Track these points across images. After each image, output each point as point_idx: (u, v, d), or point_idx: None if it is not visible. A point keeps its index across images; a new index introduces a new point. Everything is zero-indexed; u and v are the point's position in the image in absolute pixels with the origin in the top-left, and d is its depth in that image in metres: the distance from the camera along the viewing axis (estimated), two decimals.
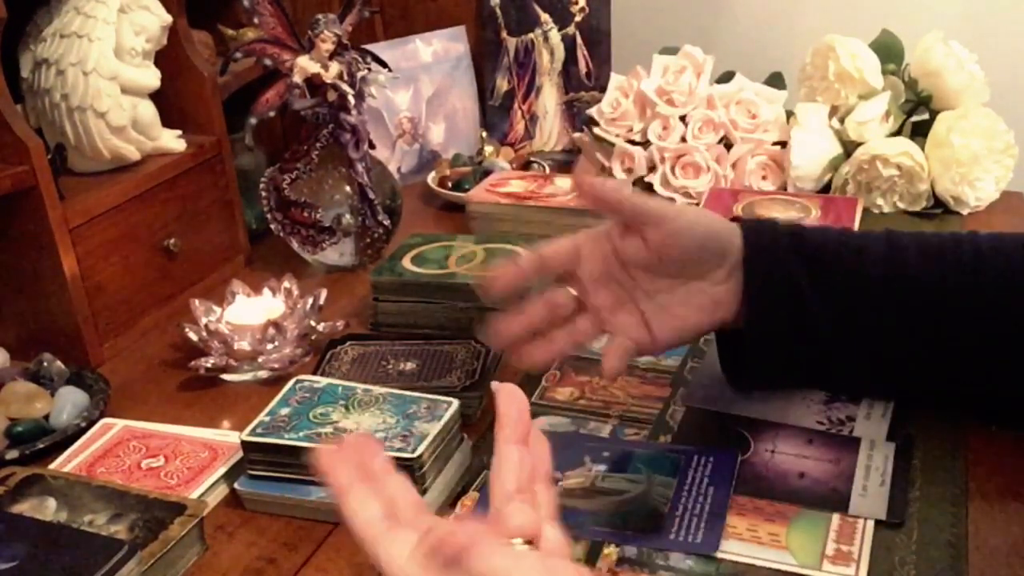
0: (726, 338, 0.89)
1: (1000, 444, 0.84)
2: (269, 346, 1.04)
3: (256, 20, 1.17)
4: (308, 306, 1.08)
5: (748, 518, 0.78)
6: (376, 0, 1.58)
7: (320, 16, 1.18)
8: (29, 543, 0.72)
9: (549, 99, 1.61)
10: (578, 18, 1.58)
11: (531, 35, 1.58)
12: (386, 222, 1.25)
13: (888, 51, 1.40)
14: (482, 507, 0.83)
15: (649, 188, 1.43)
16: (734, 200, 1.33)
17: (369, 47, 1.32)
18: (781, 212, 1.29)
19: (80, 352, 1.06)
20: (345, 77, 1.19)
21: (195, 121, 1.22)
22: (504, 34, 1.58)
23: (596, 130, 1.47)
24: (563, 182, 1.28)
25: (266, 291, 1.10)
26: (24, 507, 0.79)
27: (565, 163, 1.57)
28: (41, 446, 0.91)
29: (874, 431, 0.87)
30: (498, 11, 1.57)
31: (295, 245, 1.25)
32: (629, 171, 1.44)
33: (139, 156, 1.15)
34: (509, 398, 0.56)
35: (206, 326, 1.05)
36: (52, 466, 0.88)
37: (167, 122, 1.18)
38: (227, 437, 0.92)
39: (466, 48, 1.60)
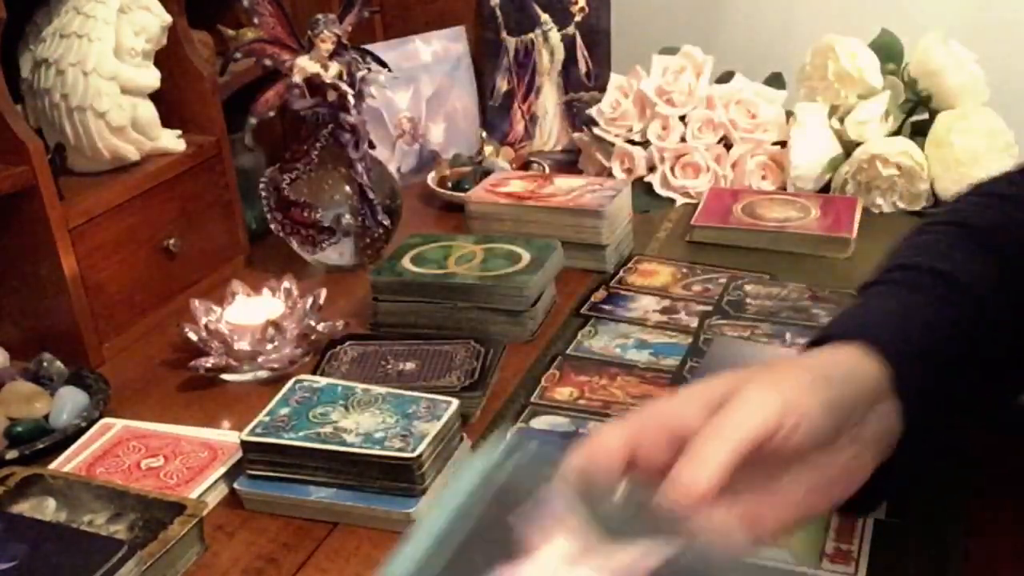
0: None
1: (1001, 440, 0.84)
2: (269, 346, 1.04)
3: (256, 20, 1.17)
4: (308, 306, 1.08)
5: None
6: (376, 0, 1.58)
7: (320, 16, 1.18)
8: (29, 543, 0.72)
9: (549, 99, 1.61)
10: (578, 18, 1.58)
11: (531, 35, 1.58)
12: (386, 222, 1.25)
13: (888, 51, 1.40)
14: None
15: (649, 188, 1.43)
16: (734, 200, 1.33)
17: (369, 47, 1.32)
18: (780, 212, 1.29)
19: (80, 352, 1.06)
20: (345, 77, 1.19)
21: (195, 121, 1.22)
22: (504, 34, 1.58)
23: (596, 130, 1.47)
24: (563, 182, 1.28)
25: (266, 291, 1.10)
26: (24, 507, 0.79)
27: (565, 163, 1.57)
28: (41, 446, 0.91)
29: None
30: (498, 11, 1.57)
31: (295, 245, 1.25)
32: (629, 171, 1.44)
33: (139, 156, 1.15)
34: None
35: (206, 326, 1.05)
36: (52, 466, 0.88)
37: (167, 122, 1.18)
38: (227, 437, 0.92)
39: (466, 48, 1.60)
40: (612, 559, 0.47)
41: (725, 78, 1.47)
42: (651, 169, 1.44)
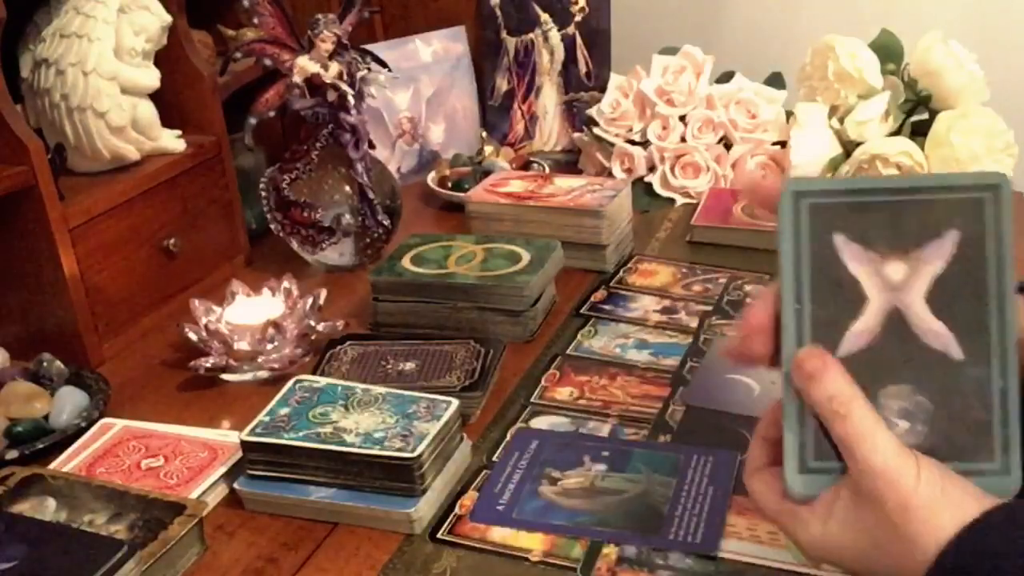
0: None
1: None
2: (269, 346, 1.04)
3: (256, 20, 1.17)
4: (308, 306, 1.08)
5: (747, 517, 0.78)
6: (376, 0, 1.58)
7: (320, 16, 1.18)
8: (29, 543, 0.72)
9: (549, 99, 1.61)
10: (578, 18, 1.58)
11: (531, 35, 1.58)
12: (386, 222, 1.25)
13: (888, 51, 1.40)
14: (482, 506, 0.83)
15: (649, 188, 1.43)
16: (734, 200, 1.33)
17: (369, 47, 1.32)
18: None
19: (80, 352, 1.06)
20: (345, 77, 1.19)
21: (195, 121, 1.22)
22: (504, 34, 1.58)
23: (596, 130, 1.47)
24: (563, 182, 1.28)
25: (266, 291, 1.10)
26: (24, 507, 0.79)
27: (565, 163, 1.57)
28: (41, 446, 0.91)
29: None
30: (498, 11, 1.57)
31: (295, 245, 1.25)
32: (629, 171, 1.44)
33: (139, 156, 1.15)
34: None
35: (206, 326, 1.05)
36: (52, 466, 0.88)
37: (167, 122, 1.18)
38: (227, 437, 0.92)
39: (466, 48, 1.60)
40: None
41: (725, 78, 1.47)
42: (651, 169, 1.44)
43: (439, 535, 0.80)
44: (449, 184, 1.46)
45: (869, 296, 0.52)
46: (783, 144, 1.40)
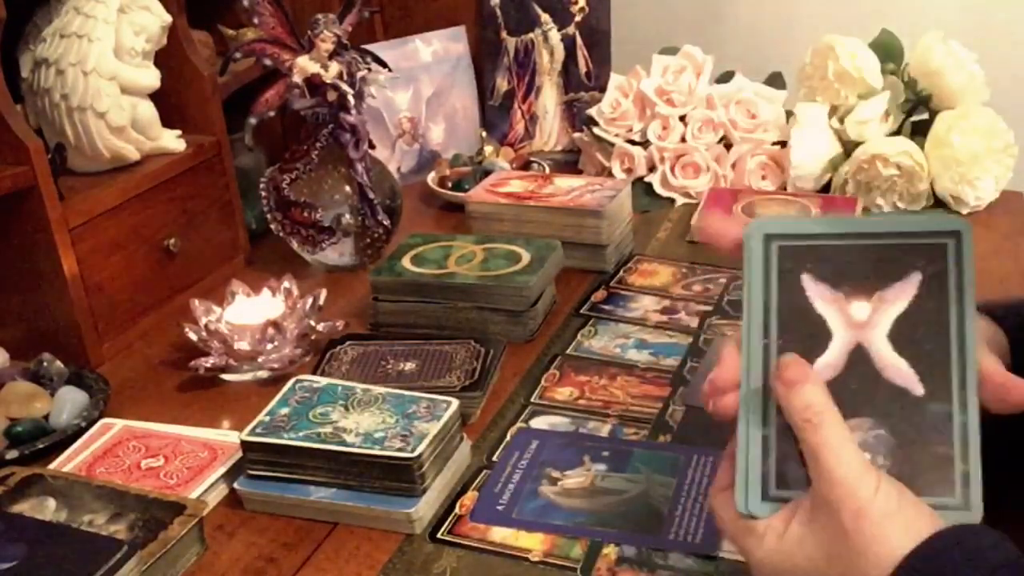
0: None
1: None
2: (269, 346, 1.04)
3: (256, 20, 1.17)
4: (308, 306, 1.08)
5: None
6: (376, 0, 1.58)
7: (320, 16, 1.18)
8: (29, 543, 0.72)
9: (549, 99, 1.61)
10: (578, 18, 1.58)
11: (531, 35, 1.58)
12: (386, 222, 1.25)
13: (888, 51, 1.40)
14: (482, 506, 0.83)
15: (649, 188, 1.43)
16: (734, 200, 1.33)
17: (369, 47, 1.32)
18: (781, 211, 1.29)
19: (80, 352, 1.06)
20: (345, 77, 1.19)
21: (195, 121, 1.22)
22: (504, 34, 1.58)
23: (596, 130, 1.47)
24: (563, 182, 1.28)
25: (266, 291, 1.10)
26: (24, 507, 0.79)
27: (565, 163, 1.57)
28: (41, 446, 0.92)
29: None
30: (498, 11, 1.57)
31: (295, 245, 1.25)
32: (629, 171, 1.44)
33: (139, 156, 1.15)
34: None
35: (206, 326, 1.05)
36: (52, 466, 0.88)
37: (167, 122, 1.18)
38: (227, 437, 0.92)
39: (466, 48, 1.60)
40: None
41: (725, 78, 1.47)
42: (651, 169, 1.44)
43: (439, 535, 0.80)
44: (449, 184, 1.46)
45: (834, 333, 0.54)
46: (783, 144, 1.40)
